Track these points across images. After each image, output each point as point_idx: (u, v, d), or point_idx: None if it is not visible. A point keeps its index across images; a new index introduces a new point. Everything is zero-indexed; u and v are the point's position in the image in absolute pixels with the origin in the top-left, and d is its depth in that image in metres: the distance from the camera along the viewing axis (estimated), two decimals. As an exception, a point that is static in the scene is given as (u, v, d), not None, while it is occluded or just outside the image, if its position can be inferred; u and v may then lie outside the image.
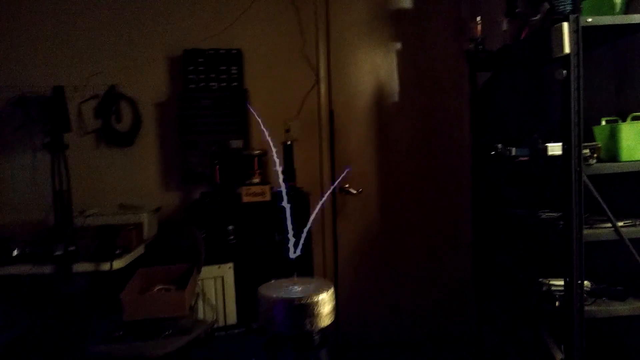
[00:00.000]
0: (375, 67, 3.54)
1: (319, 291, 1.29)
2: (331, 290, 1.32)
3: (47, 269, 2.51)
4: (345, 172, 3.11)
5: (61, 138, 2.66)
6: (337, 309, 1.35)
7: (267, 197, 3.03)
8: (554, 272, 2.09)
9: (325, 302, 1.28)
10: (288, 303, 1.25)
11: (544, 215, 2.15)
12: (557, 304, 1.93)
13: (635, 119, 1.89)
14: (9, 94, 3.17)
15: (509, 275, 2.47)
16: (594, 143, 1.87)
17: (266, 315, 1.28)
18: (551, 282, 2.04)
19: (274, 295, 1.27)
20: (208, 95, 3.19)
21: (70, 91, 3.15)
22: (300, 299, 1.25)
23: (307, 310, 1.25)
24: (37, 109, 3.16)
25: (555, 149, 1.99)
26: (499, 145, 2.36)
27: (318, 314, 1.26)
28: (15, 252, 2.60)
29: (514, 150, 2.26)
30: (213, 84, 3.21)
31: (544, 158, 2.04)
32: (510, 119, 2.63)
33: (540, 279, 2.09)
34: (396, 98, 3.56)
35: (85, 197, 3.15)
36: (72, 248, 2.53)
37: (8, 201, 3.24)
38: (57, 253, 2.50)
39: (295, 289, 1.33)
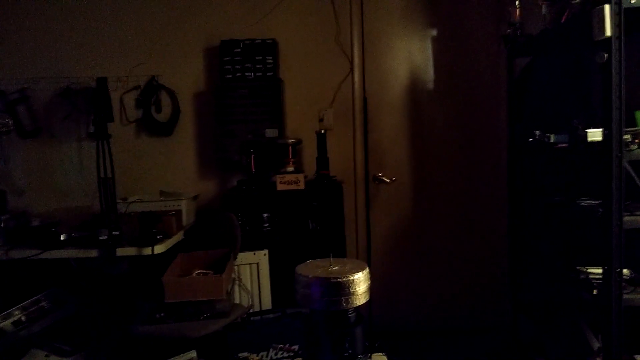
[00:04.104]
0: (410, 55, 3.51)
1: (354, 271, 1.32)
2: (366, 270, 1.35)
3: (92, 253, 2.63)
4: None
5: (105, 127, 2.76)
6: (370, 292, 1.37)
7: (301, 186, 3.07)
8: (592, 260, 2.05)
9: (360, 281, 1.31)
10: (325, 281, 1.29)
11: (582, 203, 2.11)
12: (594, 292, 1.90)
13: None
14: (56, 85, 3.33)
15: (546, 264, 2.44)
16: (635, 128, 1.83)
17: (303, 293, 1.32)
18: (589, 270, 2.01)
19: (311, 274, 1.31)
20: (244, 85, 3.25)
21: (113, 82, 3.27)
22: (336, 277, 1.28)
23: (343, 288, 1.28)
24: (83, 99, 3.30)
25: (595, 134, 1.94)
26: (537, 132, 2.32)
27: (354, 293, 1.29)
28: (62, 237, 2.72)
29: (552, 137, 2.22)
30: (249, 73, 3.26)
31: (583, 144, 2.00)
32: (548, 106, 2.58)
33: (578, 267, 2.06)
34: (431, 85, 3.53)
35: (127, 184, 3.29)
36: (116, 233, 2.63)
37: (56, 187, 3.42)
38: (102, 237, 2.60)
39: (332, 268, 1.36)
